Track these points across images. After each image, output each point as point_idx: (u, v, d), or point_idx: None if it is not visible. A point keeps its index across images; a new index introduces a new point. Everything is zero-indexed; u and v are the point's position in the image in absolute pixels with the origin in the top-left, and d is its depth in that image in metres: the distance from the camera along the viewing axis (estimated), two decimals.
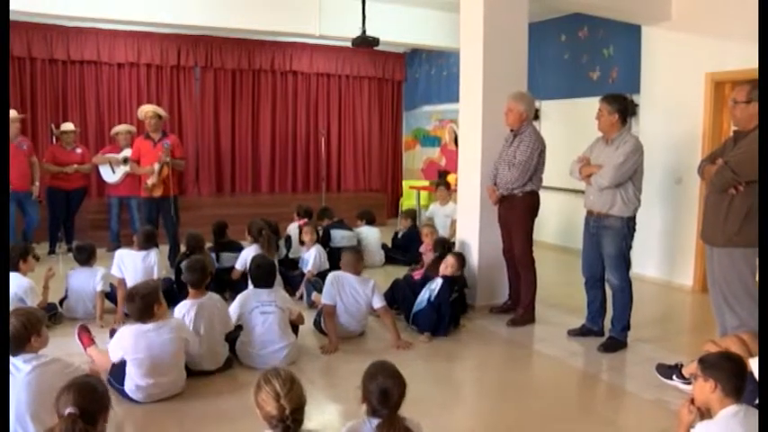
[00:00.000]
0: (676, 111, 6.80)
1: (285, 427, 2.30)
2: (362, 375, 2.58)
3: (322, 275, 6.14)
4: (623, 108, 4.72)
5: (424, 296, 5.22)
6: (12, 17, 8.50)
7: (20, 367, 2.95)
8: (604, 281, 4.95)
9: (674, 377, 4.08)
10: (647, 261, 6.87)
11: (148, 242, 5.76)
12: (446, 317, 5.10)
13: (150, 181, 7.01)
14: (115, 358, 3.82)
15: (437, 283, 5.22)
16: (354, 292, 4.93)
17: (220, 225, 6.70)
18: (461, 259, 5.50)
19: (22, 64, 9.51)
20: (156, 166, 6.97)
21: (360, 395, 2.56)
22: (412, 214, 8.72)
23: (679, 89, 6.76)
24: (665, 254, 6.98)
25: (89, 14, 7.59)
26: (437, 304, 5.10)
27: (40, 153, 9.00)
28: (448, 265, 5.35)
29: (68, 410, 2.34)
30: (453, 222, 7.89)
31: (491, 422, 3.74)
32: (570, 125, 8.38)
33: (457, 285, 5.33)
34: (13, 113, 7.51)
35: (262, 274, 4.58)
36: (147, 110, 7.31)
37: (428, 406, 3.68)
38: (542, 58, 8.68)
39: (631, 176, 4.63)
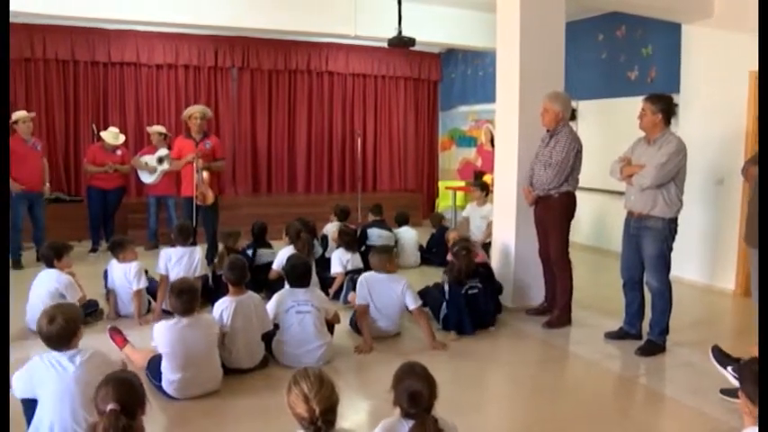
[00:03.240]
0: (718, 110, 6.66)
1: (316, 429, 2.28)
2: (393, 378, 2.56)
3: (357, 273, 6.17)
4: (667, 108, 4.64)
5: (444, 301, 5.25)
6: (56, 22, 8.84)
7: (65, 365, 2.99)
8: (643, 283, 4.87)
9: (729, 369, 3.95)
10: (686, 264, 6.73)
11: (184, 235, 5.82)
12: (464, 314, 5.10)
13: (198, 191, 7.08)
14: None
15: (445, 283, 5.27)
16: (386, 292, 4.94)
17: (262, 227, 6.75)
18: (455, 250, 5.43)
19: (66, 66, 9.79)
20: (197, 176, 7.04)
21: (392, 399, 2.54)
22: (436, 219, 8.70)
23: (721, 88, 6.63)
24: (706, 256, 6.85)
25: (129, 17, 7.75)
26: (452, 302, 5.13)
27: (82, 153, 9.23)
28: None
29: (110, 406, 2.37)
30: (490, 224, 7.85)
31: (525, 424, 3.71)
32: (607, 125, 8.28)
33: (469, 280, 5.26)
34: (23, 113, 7.66)
35: (297, 275, 4.60)
36: (194, 110, 7.35)
37: (462, 406, 3.67)
38: (579, 58, 8.58)
39: (674, 177, 4.55)
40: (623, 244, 4.95)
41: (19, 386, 3.03)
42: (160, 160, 8.57)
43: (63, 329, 3.03)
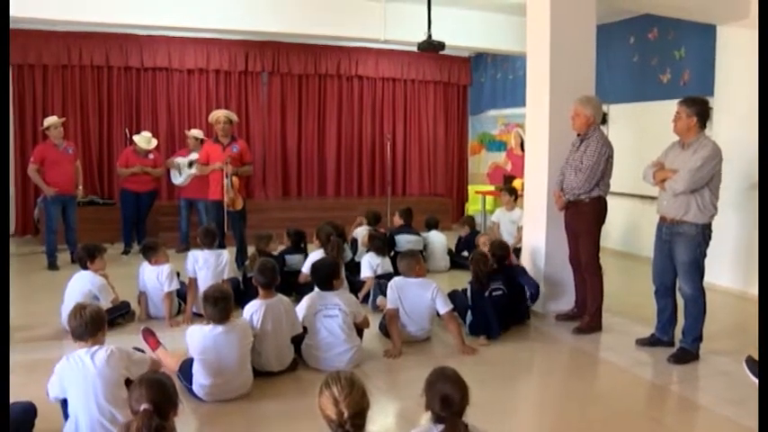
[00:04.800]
0: (755, 113, 6.53)
1: None
2: (424, 382, 2.56)
3: (384, 278, 6.16)
4: (702, 111, 4.56)
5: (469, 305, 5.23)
6: (91, 29, 9.01)
7: (86, 362, 3.10)
8: (675, 290, 4.80)
9: None
10: (720, 270, 6.60)
11: (209, 238, 5.85)
12: (490, 316, 5.08)
13: (228, 197, 7.15)
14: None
15: (468, 289, 5.25)
16: (416, 296, 4.92)
17: (297, 233, 6.80)
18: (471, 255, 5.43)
19: (100, 72, 9.98)
20: (227, 181, 7.11)
21: (423, 403, 2.53)
22: (470, 221, 8.67)
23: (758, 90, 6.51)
24: (741, 263, 6.73)
25: (161, 23, 7.86)
26: (477, 307, 5.12)
27: (115, 157, 9.39)
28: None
29: (144, 406, 2.42)
30: (520, 228, 7.79)
31: (555, 430, 3.68)
32: (639, 129, 8.19)
33: (492, 282, 5.24)
34: (53, 119, 7.82)
35: (321, 277, 4.63)
36: (218, 115, 7.44)
37: (491, 412, 3.64)
38: (611, 61, 8.51)
39: (708, 182, 4.48)
40: (655, 250, 4.88)
41: (53, 390, 3.18)
42: (190, 164, 8.69)
43: (89, 322, 3.19)
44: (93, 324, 3.21)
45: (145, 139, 8.73)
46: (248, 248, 7.16)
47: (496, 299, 5.19)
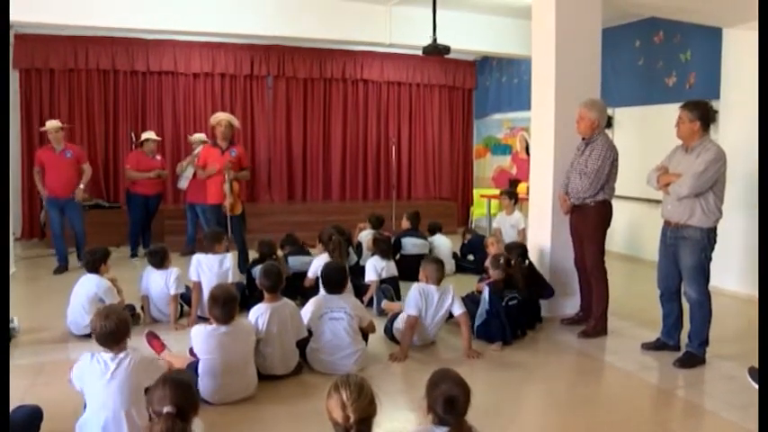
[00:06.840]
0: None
1: None
2: (426, 385, 2.55)
3: (388, 282, 6.16)
4: (705, 115, 4.56)
5: (482, 308, 5.19)
6: (98, 33, 9.05)
7: (110, 366, 3.08)
8: (681, 294, 4.79)
9: None
10: (727, 274, 6.58)
11: (214, 242, 5.85)
12: (505, 323, 5.06)
13: (227, 202, 7.16)
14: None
15: (485, 292, 5.21)
16: (437, 303, 4.88)
17: (289, 237, 6.83)
18: (497, 262, 5.36)
19: (107, 76, 10.03)
20: (227, 186, 7.13)
21: (424, 406, 2.52)
22: (470, 230, 8.76)
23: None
24: (748, 267, 6.69)
25: (167, 27, 7.90)
26: (494, 312, 5.08)
27: (120, 161, 9.43)
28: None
29: (167, 409, 2.39)
30: (519, 232, 7.79)
31: None
32: (644, 133, 8.18)
33: (509, 289, 5.22)
34: (51, 123, 7.81)
35: (330, 281, 4.62)
36: (221, 117, 7.45)
37: (496, 417, 3.64)
38: (616, 65, 8.50)
39: (712, 186, 4.47)
40: (660, 254, 4.87)
41: (75, 380, 3.17)
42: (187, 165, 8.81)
43: (116, 328, 3.13)
44: (120, 331, 3.15)
45: (150, 134, 8.79)
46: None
47: (511, 308, 5.17)
